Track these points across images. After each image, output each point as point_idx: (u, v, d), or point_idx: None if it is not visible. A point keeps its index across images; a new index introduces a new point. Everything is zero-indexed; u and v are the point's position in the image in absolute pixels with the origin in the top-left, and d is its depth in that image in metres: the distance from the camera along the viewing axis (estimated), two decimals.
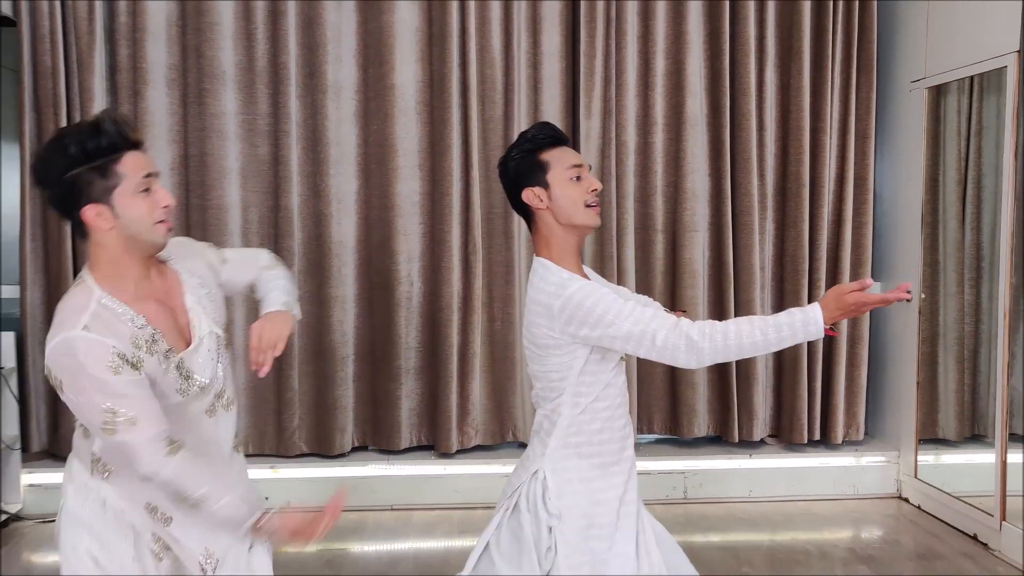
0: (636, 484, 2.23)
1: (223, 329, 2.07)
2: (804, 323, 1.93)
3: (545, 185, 2.13)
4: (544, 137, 2.16)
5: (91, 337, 1.79)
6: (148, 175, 1.87)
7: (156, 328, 1.88)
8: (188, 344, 1.96)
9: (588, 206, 2.14)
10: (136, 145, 1.88)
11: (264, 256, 2.25)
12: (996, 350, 4.01)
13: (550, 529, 2.09)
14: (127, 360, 1.80)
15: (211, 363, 2.00)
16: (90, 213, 1.83)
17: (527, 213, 2.19)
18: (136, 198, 1.85)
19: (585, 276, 2.20)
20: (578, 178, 2.14)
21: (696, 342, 1.96)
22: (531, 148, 2.16)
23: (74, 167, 1.81)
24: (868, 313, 4.79)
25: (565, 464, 2.13)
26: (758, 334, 1.94)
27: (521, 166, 2.15)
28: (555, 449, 2.14)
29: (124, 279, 1.89)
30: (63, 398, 1.83)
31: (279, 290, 2.15)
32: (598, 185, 2.16)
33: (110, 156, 1.83)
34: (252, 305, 4.19)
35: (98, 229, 1.85)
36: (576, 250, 2.18)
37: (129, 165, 1.85)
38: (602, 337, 2.02)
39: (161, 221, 1.89)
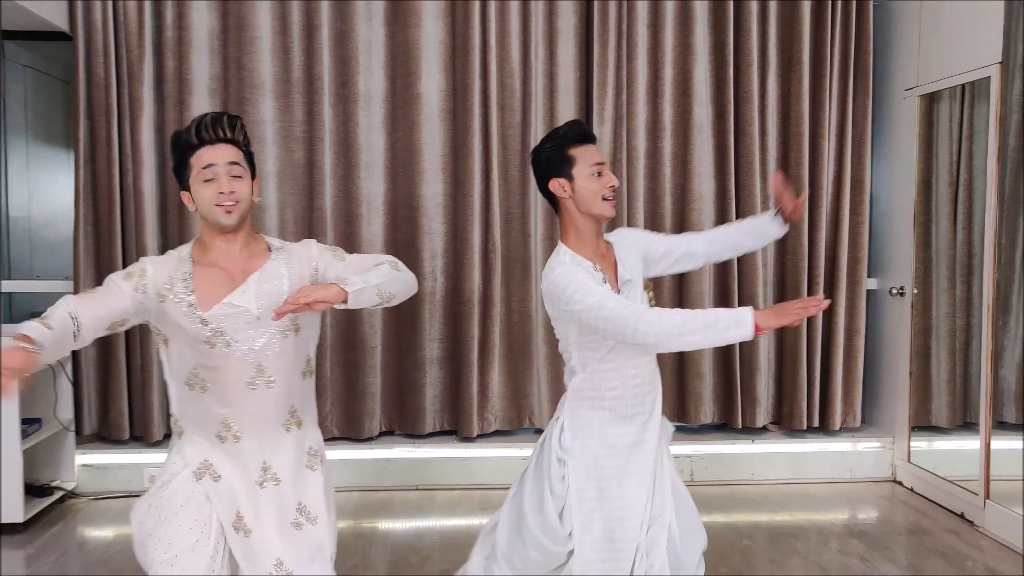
0: (657, 436, 2.51)
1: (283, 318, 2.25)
2: (738, 322, 2.16)
3: (570, 177, 2.43)
4: (574, 135, 2.47)
5: (145, 260, 2.26)
6: (208, 166, 2.18)
7: (194, 286, 2.20)
8: None
9: (605, 199, 2.43)
10: (214, 141, 2.19)
11: (383, 258, 2.36)
12: (983, 339, 4.27)
13: (562, 462, 2.43)
14: (139, 280, 2.20)
15: (251, 333, 2.23)
16: (185, 197, 2.23)
17: (553, 200, 2.50)
18: (201, 186, 2.19)
19: (604, 251, 2.50)
20: (599, 174, 2.43)
21: (642, 319, 2.23)
22: (561, 143, 2.46)
23: (175, 154, 2.22)
24: (865, 308, 5.05)
25: (580, 412, 2.47)
26: (689, 323, 2.19)
27: (552, 158, 2.46)
28: (572, 400, 2.48)
29: (205, 247, 2.26)
30: None
31: (361, 274, 2.25)
32: (615, 182, 2.46)
33: (188, 150, 2.19)
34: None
35: (190, 209, 2.24)
36: (594, 234, 2.48)
37: (199, 158, 2.19)
38: (571, 311, 2.34)
39: (218, 205, 2.19)
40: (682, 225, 4.97)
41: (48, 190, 5.50)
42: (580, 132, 2.48)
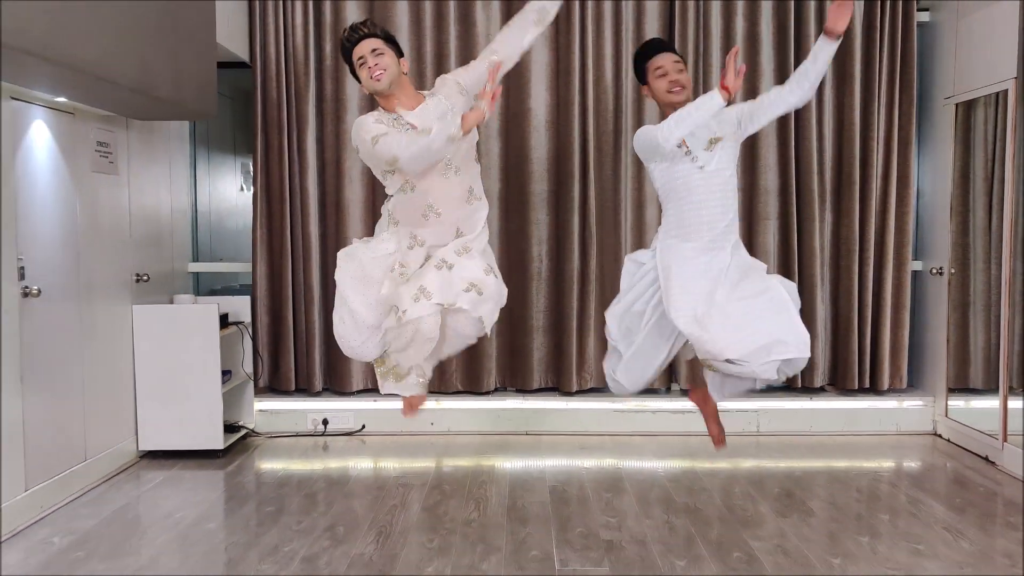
0: (727, 260, 3.40)
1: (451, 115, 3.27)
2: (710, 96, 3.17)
3: (646, 82, 3.45)
4: (642, 52, 3.48)
5: (369, 118, 3.31)
6: (359, 58, 3.29)
7: (396, 115, 3.32)
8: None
9: (669, 92, 3.39)
10: (357, 40, 3.29)
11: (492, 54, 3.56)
12: (1002, 315, 5.03)
13: (649, 259, 3.54)
14: (381, 123, 3.27)
15: (432, 120, 3.27)
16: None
17: None
18: (361, 71, 3.32)
19: None
20: (663, 75, 3.39)
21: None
22: (637, 61, 3.48)
23: (346, 61, 3.38)
24: (910, 286, 5.80)
25: (667, 242, 3.47)
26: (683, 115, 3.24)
27: (636, 73, 3.48)
28: (661, 235, 3.51)
29: (390, 101, 3.35)
30: (361, 156, 3.36)
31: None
32: (675, 77, 3.38)
33: (346, 51, 3.34)
34: None
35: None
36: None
37: (353, 55, 3.32)
38: (654, 140, 3.33)
39: (371, 77, 3.28)
40: (751, 215, 5.79)
41: (221, 189, 6.68)
42: (646, 47, 3.48)
